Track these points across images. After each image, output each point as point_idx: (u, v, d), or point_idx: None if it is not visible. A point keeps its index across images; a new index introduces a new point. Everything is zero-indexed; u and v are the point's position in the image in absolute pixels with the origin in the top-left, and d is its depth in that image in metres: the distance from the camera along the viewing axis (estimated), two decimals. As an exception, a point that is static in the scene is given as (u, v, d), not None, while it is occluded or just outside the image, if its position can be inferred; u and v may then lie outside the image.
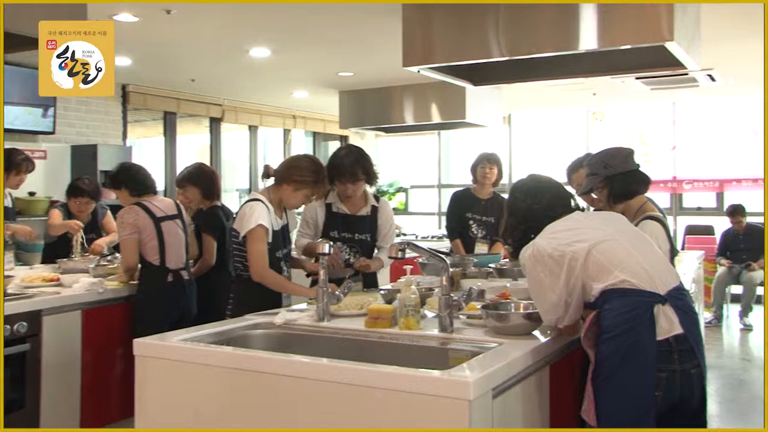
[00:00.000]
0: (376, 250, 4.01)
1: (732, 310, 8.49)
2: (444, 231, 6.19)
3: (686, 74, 6.10)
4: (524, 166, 9.86)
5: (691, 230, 9.57)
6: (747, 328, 8.08)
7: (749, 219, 8.59)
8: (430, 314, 2.88)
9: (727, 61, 6.48)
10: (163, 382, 2.50)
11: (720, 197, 9.75)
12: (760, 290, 8.34)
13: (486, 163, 5.30)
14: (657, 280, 2.39)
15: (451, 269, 2.77)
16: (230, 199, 9.48)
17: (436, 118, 7.69)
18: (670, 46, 3.86)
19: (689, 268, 5.44)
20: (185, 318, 4.10)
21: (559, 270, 2.41)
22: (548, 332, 2.62)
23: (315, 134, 10.73)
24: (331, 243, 2.99)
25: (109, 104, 7.71)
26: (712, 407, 5.23)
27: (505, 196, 5.68)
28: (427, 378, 2.08)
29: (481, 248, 5.16)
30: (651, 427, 2.29)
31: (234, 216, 3.64)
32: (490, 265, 4.09)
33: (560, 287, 2.41)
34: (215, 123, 9.13)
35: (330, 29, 5.55)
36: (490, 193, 5.37)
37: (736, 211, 8.45)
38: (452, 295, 2.69)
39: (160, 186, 5.57)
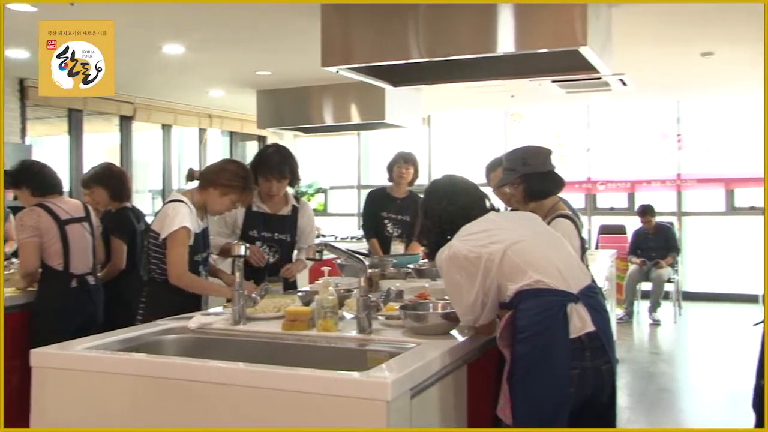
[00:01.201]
0: (296, 252, 3.99)
1: (642, 306, 8.79)
2: (363, 231, 6.20)
3: (599, 78, 6.29)
4: (443, 166, 9.95)
5: (604, 230, 9.87)
6: (656, 323, 8.39)
7: (658, 218, 8.93)
8: (348, 315, 2.87)
9: (638, 67, 6.71)
10: (64, 395, 2.37)
11: (631, 198, 10.09)
12: (668, 287, 8.68)
13: (402, 163, 5.33)
14: (570, 280, 2.44)
15: (369, 270, 2.76)
16: (142, 201, 9.21)
17: (355, 118, 7.67)
18: (583, 50, 3.96)
19: (602, 267, 5.60)
20: (91, 325, 3.90)
21: (475, 271, 2.43)
22: (466, 332, 2.64)
23: (232, 134, 10.51)
24: (247, 245, 2.94)
25: (5, 99, 7.10)
26: (623, 399, 5.41)
27: (422, 195, 5.79)
28: (345, 380, 2.07)
29: (397, 247, 5.17)
30: (564, 423, 2.34)
31: (144, 217, 3.53)
32: (408, 265, 4.11)
33: (476, 288, 2.43)
34: (126, 121, 8.76)
35: (247, 28, 5.46)
36: (406, 192, 5.40)
37: (646, 211, 8.76)
38: (370, 296, 2.68)
39: (65, 187, 5.32)
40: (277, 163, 3.82)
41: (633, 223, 9.19)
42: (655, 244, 8.72)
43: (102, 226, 4.32)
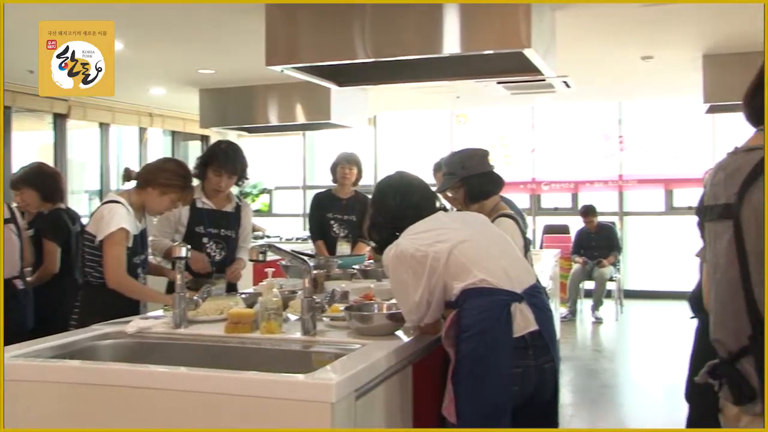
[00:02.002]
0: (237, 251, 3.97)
1: (585, 305, 8.95)
2: (308, 233, 6.17)
3: (543, 80, 6.36)
4: (389, 167, 9.96)
5: (548, 230, 10.00)
6: (598, 321, 8.55)
7: (600, 218, 9.11)
8: (292, 317, 2.85)
9: (581, 69, 6.82)
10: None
11: (575, 198, 10.26)
12: (610, 285, 8.85)
13: (345, 164, 5.32)
14: (514, 279, 2.46)
15: (314, 271, 2.74)
16: (78, 202, 8.94)
17: (300, 118, 7.59)
18: (527, 52, 4.00)
19: (546, 266, 5.67)
20: (19, 332, 3.73)
21: (421, 270, 2.44)
22: (411, 332, 2.65)
23: (174, 133, 10.26)
24: (189, 246, 2.89)
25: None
26: (566, 397, 5.49)
27: (369, 195, 5.79)
28: (289, 382, 2.05)
29: (343, 248, 5.17)
30: (507, 421, 2.36)
31: (80, 218, 3.43)
32: (354, 266, 4.10)
33: (422, 287, 2.44)
34: (60, 119, 8.43)
35: (188, 25, 5.36)
36: (351, 192, 5.39)
37: (588, 212, 8.93)
38: (315, 297, 2.67)
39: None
40: (229, 159, 3.83)
41: (576, 223, 9.34)
42: (598, 244, 8.89)
43: (33, 228, 4.18)
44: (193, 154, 10.33)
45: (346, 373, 2.10)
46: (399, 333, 2.65)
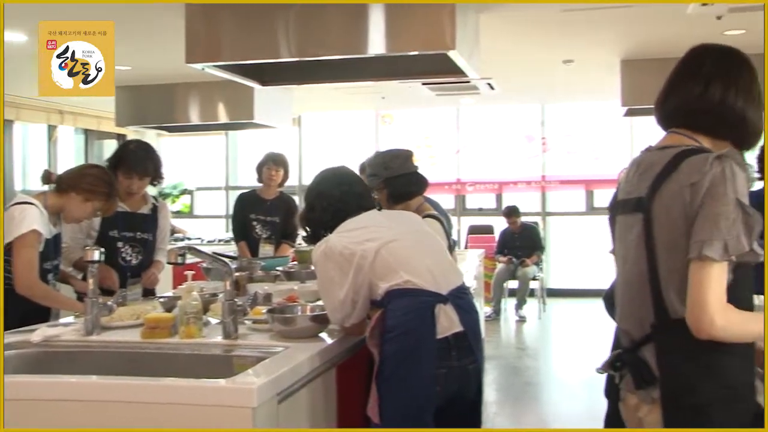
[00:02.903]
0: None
1: (509, 304, 9.10)
2: (232, 234, 6.07)
3: (468, 82, 6.43)
4: (314, 167, 9.89)
5: (473, 230, 10.13)
6: (522, 320, 8.71)
7: (524, 218, 9.28)
8: (213, 321, 2.79)
9: (505, 72, 6.93)
10: None
11: (499, 198, 10.42)
12: (533, 284, 9.02)
13: (272, 165, 5.25)
14: (440, 280, 2.48)
15: (236, 273, 2.69)
16: (-26, 203, 8.50)
17: (223, 117, 7.42)
18: (452, 54, 4.02)
19: (471, 266, 5.73)
20: None
21: (348, 267, 2.44)
22: (335, 334, 2.64)
23: (87, 132, 9.84)
24: (102, 250, 2.77)
25: None
26: (490, 395, 5.56)
27: (294, 196, 5.73)
28: (209, 388, 2.01)
29: (265, 249, 5.10)
30: (430, 421, 2.38)
31: None
32: (277, 268, 4.04)
33: (348, 285, 2.44)
34: (-46, 116, 8.05)
35: (102, 19, 5.15)
36: (276, 193, 5.33)
37: (511, 212, 9.08)
38: (237, 300, 2.61)
39: None
40: (140, 160, 3.66)
41: (500, 224, 9.48)
42: (521, 244, 9.04)
43: None
44: (108, 154, 9.93)
45: (268, 376, 2.07)
46: (323, 335, 2.63)
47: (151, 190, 3.96)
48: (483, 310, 7.82)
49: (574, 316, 9.08)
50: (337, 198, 2.63)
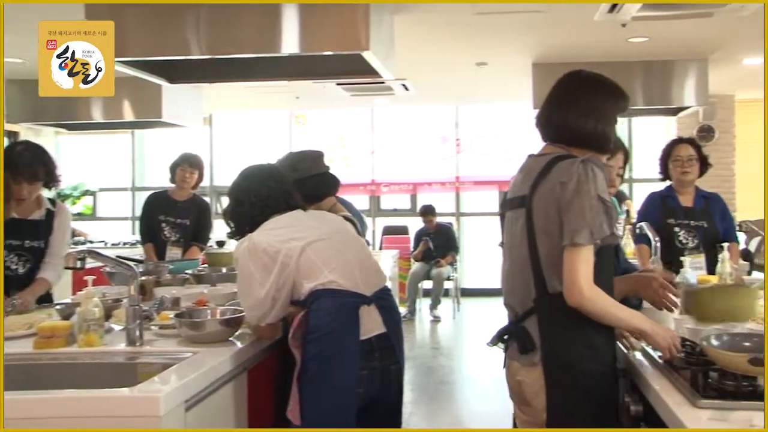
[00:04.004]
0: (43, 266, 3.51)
1: (424, 304, 9.17)
2: (138, 236, 5.87)
3: (383, 83, 6.44)
4: (226, 168, 9.72)
5: (387, 230, 10.18)
6: (436, 320, 8.79)
7: (439, 219, 9.37)
8: (117, 327, 2.68)
9: (420, 73, 6.97)
10: None
11: (414, 199, 10.50)
12: (447, 284, 9.12)
13: (187, 166, 5.11)
14: (365, 282, 2.51)
15: (143, 277, 2.59)
16: None
17: (128, 116, 7.14)
18: (366, 55, 4.01)
19: (386, 267, 5.75)
20: None
21: (272, 265, 2.43)
22: (246, 337, 2.60)
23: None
24: None
25: None
26: (406, 394, 5.53)
27: (205, 197, 5.59)
28: (112, 398, 1.95)
29: (173, 252, 4.96)
30: (352, 422, 2.40)
31: None
32: (186, 271, 3.93)
33: (270, 283, 2.43)
34: None
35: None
36: (189, 195, 5.19)
37: (427, 212, 9.16)
38: (142, 305, 2.52)
39: None
40: (27, 163, 3.36)
41: (415, 224, 9.55)
42: (436, 244, 9.12)
43: None
44: (-2, 152, 9.44)
45: (175, 383, 2.02)
46: (233, 339, 2.59)
47: (48, 193, 3.69)
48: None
49: (488, 315, 9.20)
50: (266, 195, 2.62)
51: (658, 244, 3.68)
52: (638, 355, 2.24)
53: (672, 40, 5.85)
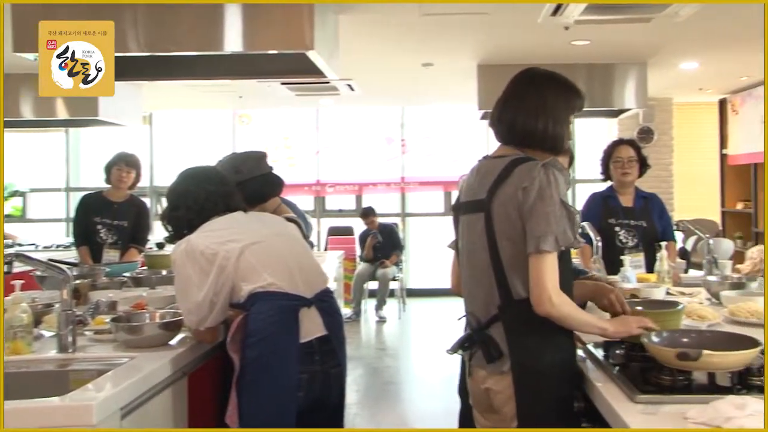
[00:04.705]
0: None
1: (369, 305, 9.15)
2: (72, 239, 5.68)
3: (328, 82, 6.39)
4: (167, 168, 9.51)
5: (333, 231, 10.12)
6: (382, 320, 8.78)
7: (384, 219, 9.36)
8: (47, 334, 2.58)
9: (365, 73, 6.95)
10: None
11: (359, 200, 10.47)
12: (393, 284, 9.11)
13: (123, 166, 4.98)
14: (305, 284, 2.47)
15: (77, 281, 2.50)
16: None
17: (62, 113, 6.86)
18: (311, 54, 3.98)
19: (331, 268, 5.71)
20: None
21: (209, 268, 2.37)
22: (186, 341, 2.55)
23: None
24: None
25: None
26: (351, 396, 5.54)
27: (144, 198, 5.45)
28: (41, 408, 1.87)
29: (110, 255, 4.83)
30: (291, 425, 2.36)
31: None
32: (124, 274, 3.82)
33: (208, 286, 2.37)
34: None
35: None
36: (126, 196, 5.06)
37: (367, 213, 9.15)
38: (76, 309, 2.43)
39: None
40: None
41: (360, 225, 9.52)
42: (381, 244, 9.12)
43: None
44: None
45: (110, 390, 1.96)
46: (173, 343, 2.53)
47: None
48: (343, 311, 7.83)
49: (433, 315, 9.26)
50: (203, 197, 2.56)
51: (600, 244, 3.74)
52: (580, 353, 2.26)
53: (613, 44, 5.96)
